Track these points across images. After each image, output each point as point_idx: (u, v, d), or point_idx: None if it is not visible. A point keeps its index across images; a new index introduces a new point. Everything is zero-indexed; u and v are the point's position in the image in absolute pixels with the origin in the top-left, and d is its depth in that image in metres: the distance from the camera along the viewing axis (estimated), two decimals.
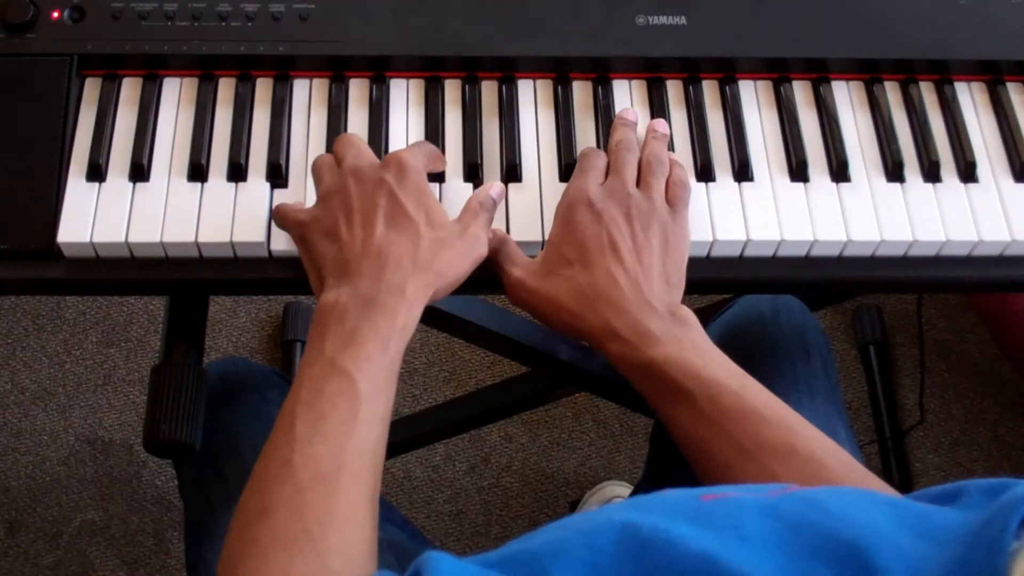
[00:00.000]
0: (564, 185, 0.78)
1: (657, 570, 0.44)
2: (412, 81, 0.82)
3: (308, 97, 0.81)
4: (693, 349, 0.69)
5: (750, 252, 0.78)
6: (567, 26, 0.82)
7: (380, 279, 0.67)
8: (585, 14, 0.83)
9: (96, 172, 0.77)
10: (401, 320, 0.67)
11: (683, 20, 0.83)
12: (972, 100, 0.84)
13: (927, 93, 0.84)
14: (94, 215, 0.75)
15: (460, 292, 0.72)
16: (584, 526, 0.47)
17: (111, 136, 0.79)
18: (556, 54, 0.82)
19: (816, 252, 0.78)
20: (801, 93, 0.83)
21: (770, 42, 0.83)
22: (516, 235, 0.76)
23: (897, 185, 0.80)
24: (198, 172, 0.77)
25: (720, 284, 0.81)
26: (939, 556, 0.42)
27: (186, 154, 0.78)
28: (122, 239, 0.75)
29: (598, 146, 0.80)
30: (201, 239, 0.75)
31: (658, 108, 0.82)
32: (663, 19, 0.83)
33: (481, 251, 0.72)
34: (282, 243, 0.75)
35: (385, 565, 0.78)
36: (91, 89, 0.80)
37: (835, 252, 0.78)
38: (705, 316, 1.07)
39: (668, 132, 0.80)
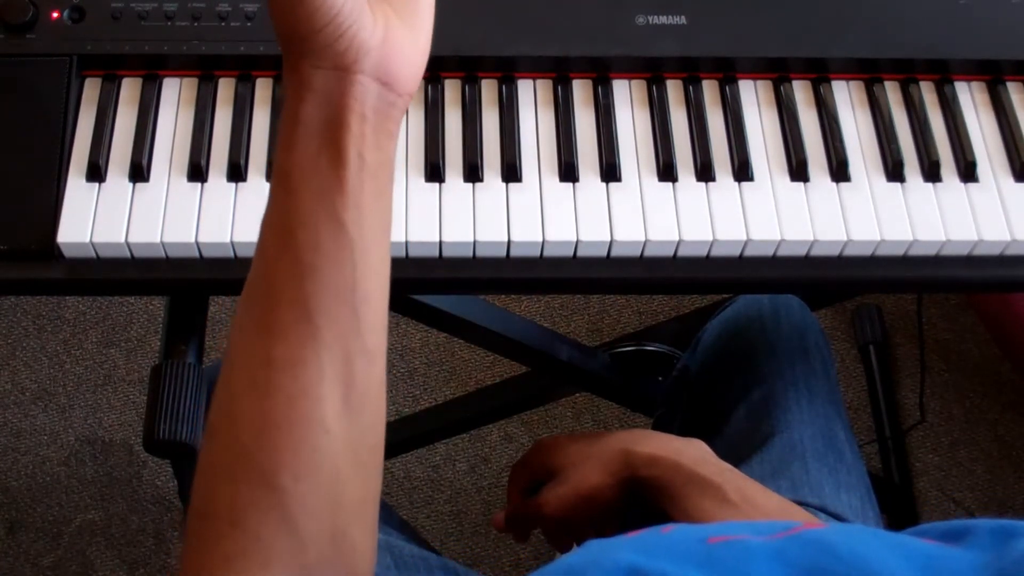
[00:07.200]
0: (564, 185, 0.78)
1: None
2: None
3: None
4: None
5: (750, 252, 0.78)
6: (567, 26, 0.82)
7: None
8: (585, 14, 0.83)
9: (96, 172, 0.77)
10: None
11: (683, 20, 0.83)
12: (972, 100, 0.84)
13: (927, 93, 0.84)
14: (94, 215, 0.75)
15: (460, 292, 0.72)
16: (589, 572, 0.46)
17: (111, 136, 0.79)
18: (556, 54, 0.82)
19: (816, 252, 0.78)
20: (801, 93, 0.83)
21: (770, 42, 0.83)
22: (516, 235, 0.76)
23: (897, 185, 0.80)
24: (198, 172, 0.77)
25: (720, 284, 0.80)
26: None
27: (186, 154, 0.78)
28: (122, 239, 0.75)
29: (598, 144, 0.80)
30: (201, 239, 0.75)
31: (658, 108, 0.82)
32: (663, 19, 0.83)
33: None
34: None
35: (382, 567, 0.78)
36: (91, 89, 0.80)
37: (835, 252, 0.78)
38: (705, 316, 1.08)
39: None
